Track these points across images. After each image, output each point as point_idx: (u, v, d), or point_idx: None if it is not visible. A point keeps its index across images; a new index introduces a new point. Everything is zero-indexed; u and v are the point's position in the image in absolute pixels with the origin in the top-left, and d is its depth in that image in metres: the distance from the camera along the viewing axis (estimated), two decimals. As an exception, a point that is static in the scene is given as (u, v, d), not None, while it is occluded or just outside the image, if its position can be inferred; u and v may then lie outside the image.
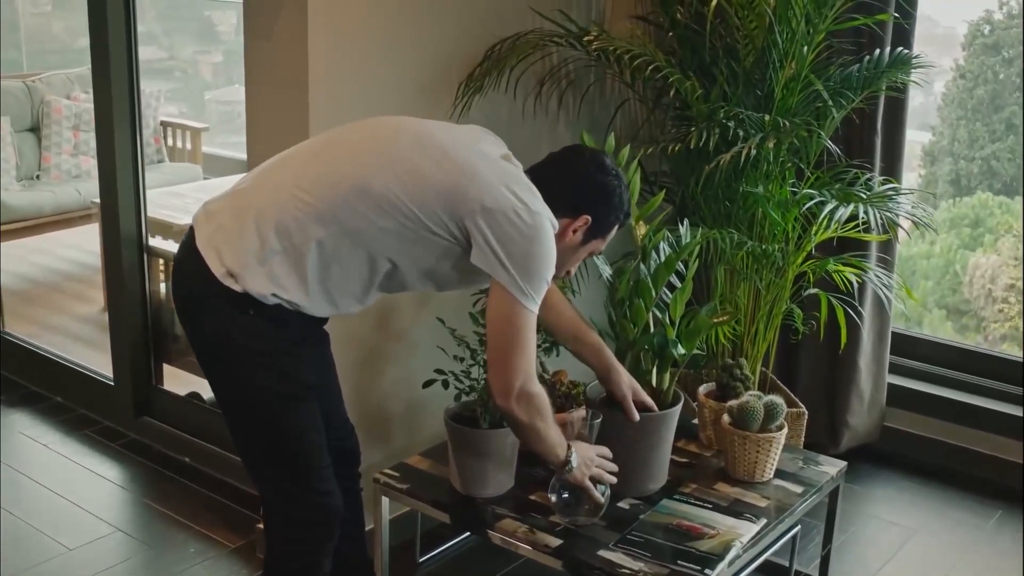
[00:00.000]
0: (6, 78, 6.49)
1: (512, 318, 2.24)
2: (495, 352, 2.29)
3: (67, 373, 4.22)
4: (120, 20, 3.58)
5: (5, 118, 6.07)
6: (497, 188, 2.22)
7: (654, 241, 2.83)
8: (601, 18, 3.60)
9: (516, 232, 2.20)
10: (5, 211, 5.56)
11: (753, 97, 3.33)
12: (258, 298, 2.23)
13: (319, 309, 2.31)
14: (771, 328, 3.44)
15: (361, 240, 2.23)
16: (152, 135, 6.57)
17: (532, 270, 2.22)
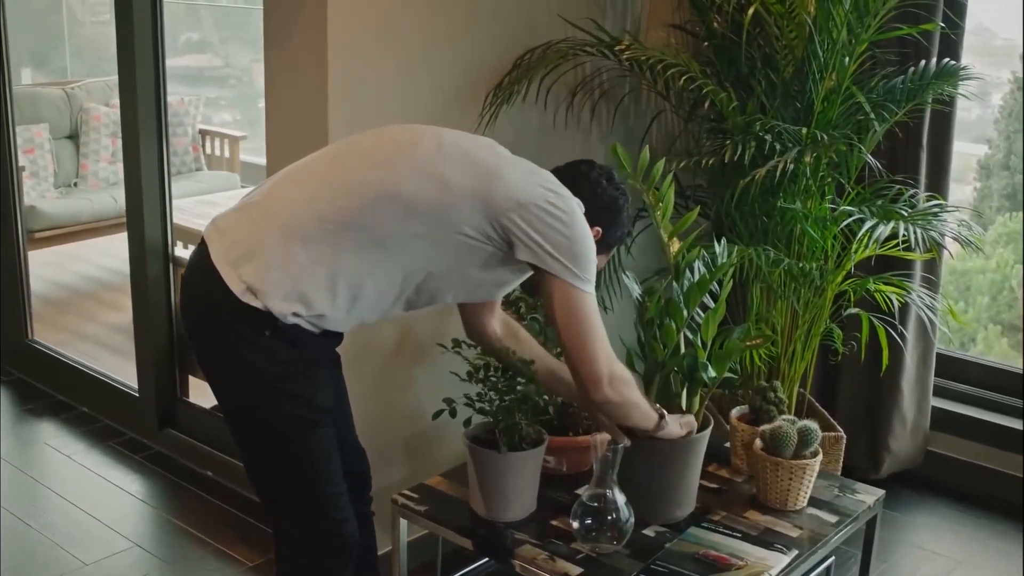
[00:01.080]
0: (45, 85, 6.50)
1: (576, 307, 2.22)
2: (573, 347, 2.26)
3: (93, 383, 4.18)
4: (147, 28, 3.54)
5: (44, 125, 6.07)
6: (526, 183, 2.21)
7: (688, 259, 2.72)
8: (636, 27, 3.50)
9: (555, 220, 2.19)
10: (41, 219, 5.55)
11: (792, 109, 3.22)
12: (277, 316, 2.14)
13: (341, 324, 2.23)
14: (809, 349, 3.32)
15: (393, 248, 2.16)
16: (191, 143, 6.56)
17: (579, 253, 2.21)
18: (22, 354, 4.48)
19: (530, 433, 2.65)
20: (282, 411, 2.22)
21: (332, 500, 2.31)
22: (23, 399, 4.34)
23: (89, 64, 7.43)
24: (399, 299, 2.25)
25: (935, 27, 3.24)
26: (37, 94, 6.25)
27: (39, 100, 6.20)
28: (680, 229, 2.76)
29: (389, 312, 2.29)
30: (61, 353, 4.37)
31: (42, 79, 7.11)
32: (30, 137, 5.95)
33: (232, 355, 2.19)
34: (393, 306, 2.27)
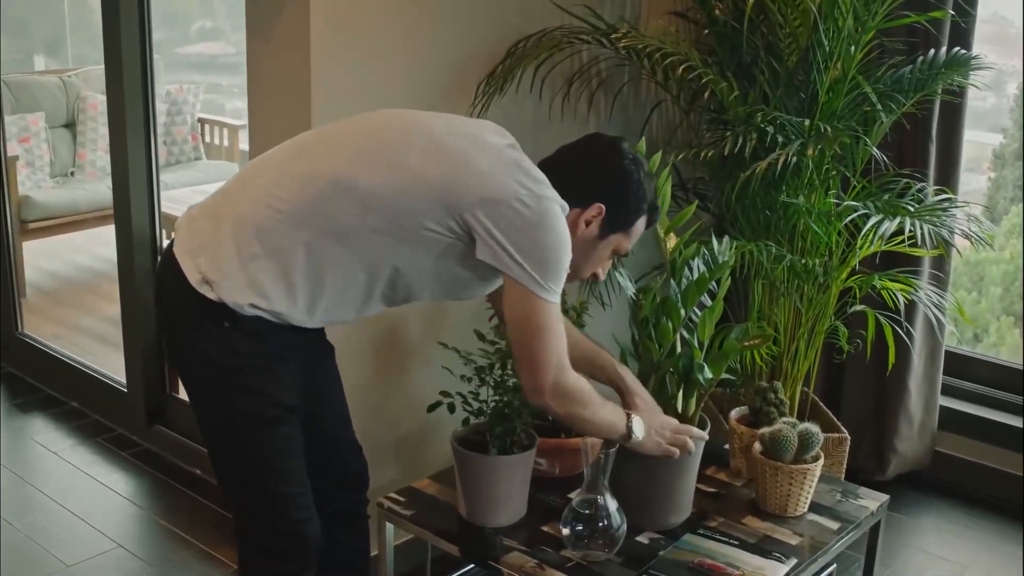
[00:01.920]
0: (43, 73, 6.41)
1: (531, 314, 2.07)
2: (519, 351, 2.13)
3: (82, 378, 4.10)
4: (133, 16, 3.44)
5: (40, 114, 5.99)
6: (498, 177, 2.04)
7: (685, 256, 2.61)
8: (636, 14, 3.40)
9: (521, 220, 2.02)
10: (37, 209, 5.47)
11: (796, 100, 3.12)
12: (234, 308, 2.05)
13: (307, 319, 2.12)
14: (813, 347, 3.22)
15: (351, 242, 2.04)
16: (190, 132, 6.47)
17: (545, 259, 2.04)
18: (13, 347, 4.40)
19: (520, 436, 2.56)
20: (239, 406, 2.13)
21: (292, 500, 2.23)
22: (13, 393, 4.26)
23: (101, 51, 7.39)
24: (371, 296, 2.14)
25: (945, 15, 3.13)
26: (33, 82, 6.16)
27: (35, 88, 6.12)
28: (677, 224, 2.66)
29: (366, 310, 2.18)
30: (51, 347, 4.29)
31: (55, 66, 7.03)
32: (25, 126, 5.87)
33: (191, 347, 2.13)
34: (366, 303, 2.15)
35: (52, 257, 5.91)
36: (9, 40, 7.47)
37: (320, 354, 2.38)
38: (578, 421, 2.24)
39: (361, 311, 2.18)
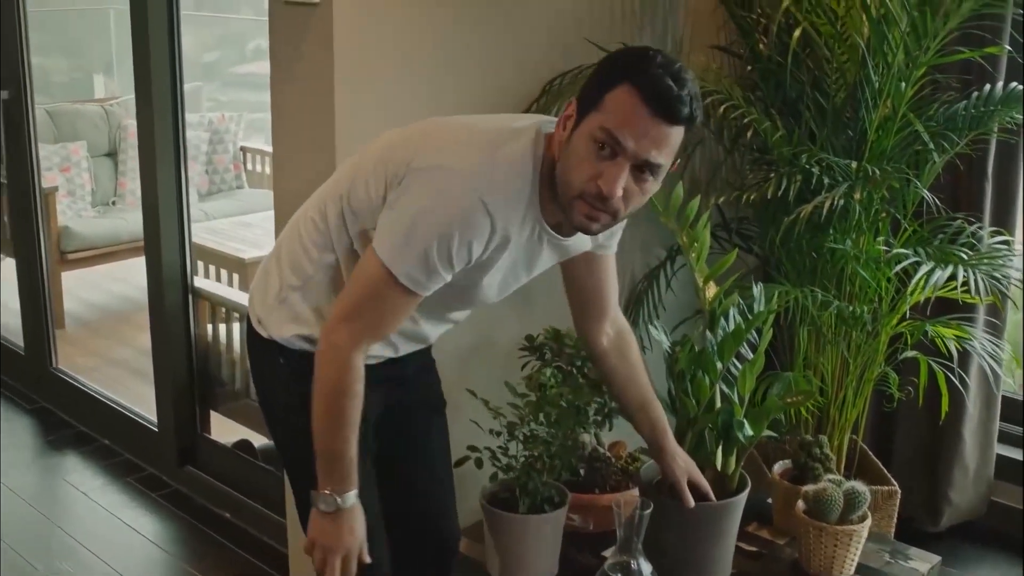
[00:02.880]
0: (84, 102, 6.41)
1: (373, 278, 1.86)
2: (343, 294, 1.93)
3: (114, 415, 4.05)
4: (163, 45, 3.39)
5: (81, 143, 5.98)
6: (441, 147, 1.87)
7: (724, 306, 2.50)
8: (677, 49, 3.29)
9: (420, 184, 1.83)
10: (76, 239, 5.45)
11: (844, 138, 2.99)
12: (283, 344, 2.04)
13: None
14: (861, 395, 3.09)
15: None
16: (232, 161, 6.44)
17: (413, 233, 1.82)
18: (47, 382, 4.36)
19: (552, 493, 2.46)
20: (298, 443, 2.03)
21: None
22: (46, 429, 4.22)
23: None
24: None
25: (1001, 50, 2.99)
26: (75, 111, 6.16)
27: (77, 117, 6.12)
28: (717, 273, 2.54)
29: (391, 338, 2.07)
30: (84, 383, 4.25)
31: (115, 89, 7.05)
32: (67, 155, 5.86)
33: (259, 386, 2.20)
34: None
35: (93, 287, 5.89)
36: (68, 60, 7.56)
37: (404, 399, 2.26)
38: (318, 395, 1.91)
39: (386, 339, 2.06)
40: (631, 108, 1.74)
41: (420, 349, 2.22)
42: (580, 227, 1.86)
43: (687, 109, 1.75)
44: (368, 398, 2.07)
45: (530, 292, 3.04)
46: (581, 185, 1.78)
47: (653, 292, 3.31)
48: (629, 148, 1.74)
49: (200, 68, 7.59)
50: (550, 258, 2.04)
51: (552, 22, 2.96)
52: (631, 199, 1.80)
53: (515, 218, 1.86)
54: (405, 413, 2.27)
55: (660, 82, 1.73)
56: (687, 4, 3.29)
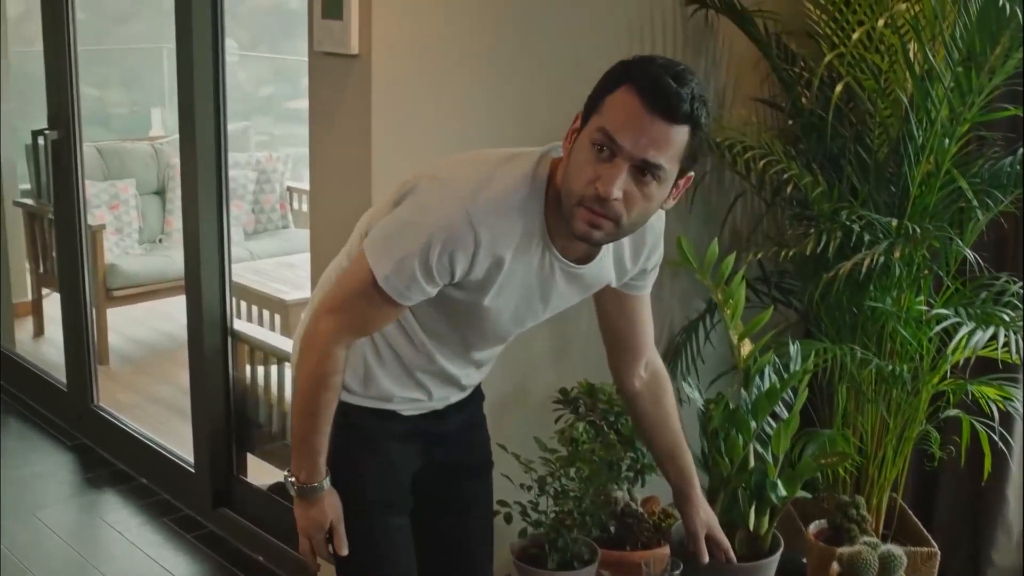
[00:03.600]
0: (133, 140, 6.49)
1: (358, 269, 1.86)
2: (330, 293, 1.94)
3: (152, 454, 4.06)
4: (208, 85, 3.42)
5: (130, 181, 6.05)
6: (447, 165, 1.89)
7: (759, 364, 2.47)
8: (720, 101, 3.27)
9: (416, 195, 1.84)
10: (123, 276, 5.49)
11: (887, 193, 2.95)
12: None
13: (362, 389, 2.03)
14: (902, 454, 3.03)
15: None
16: (279, 200, 6.48)
17: (396, 236, 1.82)
18: (87, 419, 4.39)
19: (582, 550, 2.43)
20: (342, 497, 2.02)
21: None
22: (85, 466, 4.24)
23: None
24: (404, 358, 2.02)
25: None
26: (124, 149, 6.23)
27: (126, 155, 6.19)
28: (752, 330, 2.52)
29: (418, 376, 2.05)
30: (123, 421, 4.27)
31: (172, 125, 7.14)
32: (116, 193, 5.93)
33: None
34: (409, 371, 2.03)
35: (138, 324, 5.93)
36: (127, 94, 7.69)
37: (445, 458, 2.18)
38: (298, 383, 1.97)
39: (402, 372, 2.03)
40: (629, 107, 1.69)
41: (460, 401, 2.15)
42: (582, 236, 1.77)
43: (686, 106, 1.69)
44: (402, 452, 2.10)
45: (567, 342, 3.04)
46: (580, 190, 1.73)
47: (691, 345, 3.28)
48: (626, 147, 1.69)
49: (256, 102, 7.68)
50: (569, 291, 1.97)
51: (589, 68, 2.94)
52: (633, 203, 1.73)
53: (507, 236, 1.81)
54: (446, 474, 2.19)
55: (659, 80, 1.69)
56: (730, 56, 3.27)
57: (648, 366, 2.23)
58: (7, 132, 5.28)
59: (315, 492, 1.98)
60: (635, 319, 2.17)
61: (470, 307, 1.90)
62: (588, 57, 2.93)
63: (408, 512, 2.12)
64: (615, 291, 2.08)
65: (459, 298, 1.88)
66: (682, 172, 1.77)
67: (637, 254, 2.01)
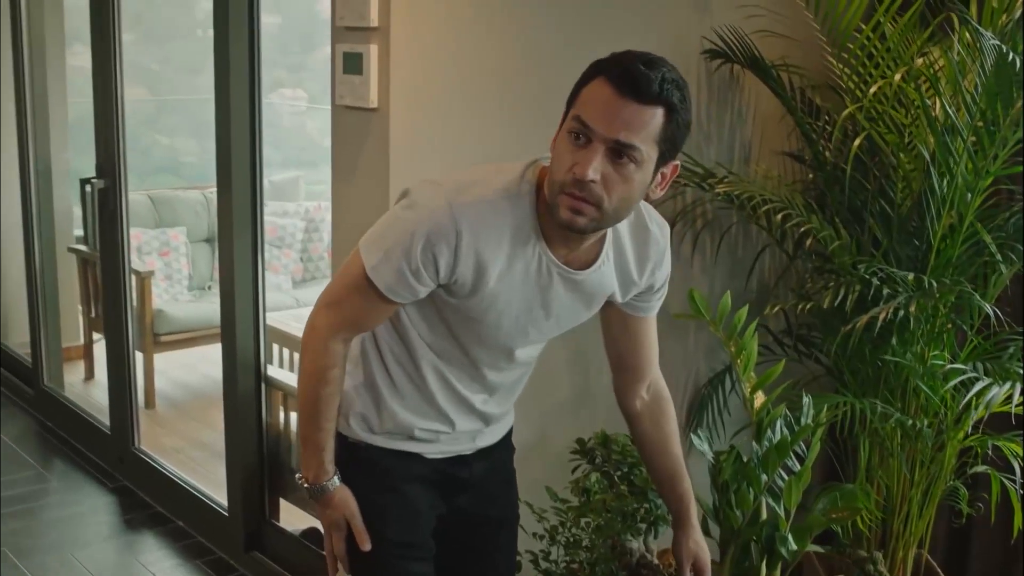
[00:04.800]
0: (185, 189, 6.63)
1: (350, 263, 1.91)
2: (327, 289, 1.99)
3: (187, 497, 4.12)
4: (244, 135, 3.49)
5: (181, 229, 6.18)
6: (446, 174, 1.93)
7: (771, 416, 2.47)
8: (746, 154, 3.29)
9: (410, 195, 1.88)
10: (170, 322, 5.60)
11: (910, 246, 2.95)
12: (343, 435, 2.05)
13: (377, 421, 2.04)
14: (928, 509, 3.00)
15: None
16: (326, 249, 6.58)
17: (384, 231, 1.87)
18: (128, 462, 4.47)
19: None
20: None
21: None
22: (125, 508, 4.31)
23: (285, 154, 7.75)
24: (414, 380, 2.02)
25: (1073, 161, 2.93)
26: (176, 197, 6.37)
27: (177, 203, 6.32)
28: (765, 382, 2.52)
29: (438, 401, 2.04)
30: (162, 464, 4.34)
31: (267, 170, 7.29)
32: (167, 240, 6.06)
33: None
34: (422, 393, 2.02)
35: (186, 369, 6.03)
36: (197, 143, 7.88)
37: (468, 507, 2.17)
38: (299, 380, 1.99)
39: (417, 395, 2.03)
40: (602, 94, 1.73)
41: (486, 448, 2.14)
42: (567, 223, 1.77)
43: (655, 87, 1.70)
44: (424, 496, 2.09)
45: (588, 392, 3.05)
46: (561, 178, 1.76)
47: (717, 397, 3.29)
48: (599, 130, 1.71)
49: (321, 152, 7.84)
50: (571, 300, 1.96)
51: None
52: (612, 186, 1.73)
53: (492, 234, 1.83)
54: (470, 523, 2.18)
55: (629, 65, 1.72)
56: (756, 109, 3.29)
57: (651, 388, 2.21)
58: (63, 180, 5.41)
59: (325, 491, 2.02)
60: (640, 340, 2.16)
61: (468, 312, 1.91)
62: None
63: (431, 558, 2.12)
64: (620, 311, 2.08)
65: (455, 304, 1.90)
66: (663, 158, 1.77)
67: (642, 265, 2.00)
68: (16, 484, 4.39)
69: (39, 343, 5.12)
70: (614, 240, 1.94)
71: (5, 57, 5.10)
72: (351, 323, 1.94)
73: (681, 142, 1.79)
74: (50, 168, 5.14)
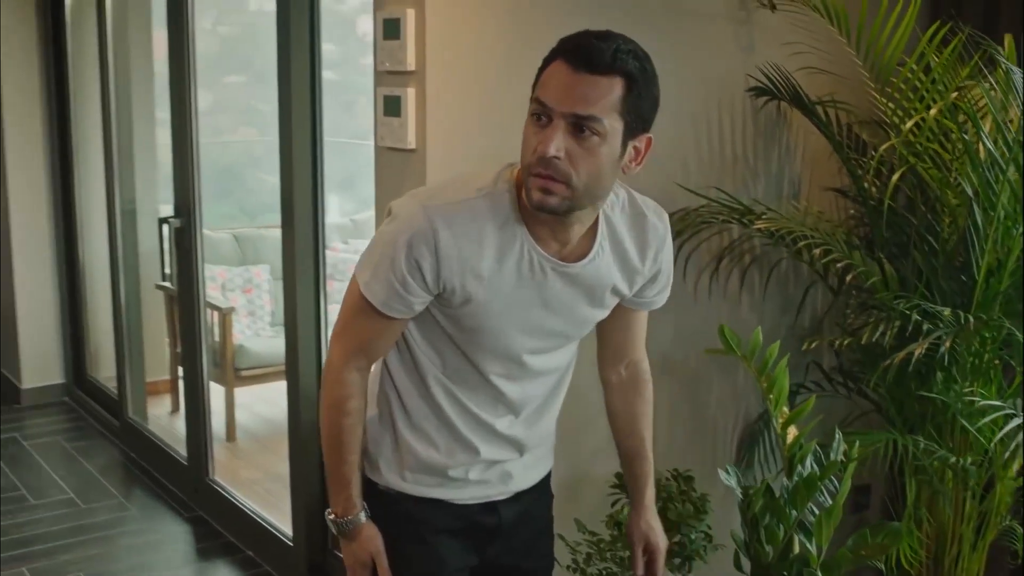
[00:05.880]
0: (269, 227, 6.81)
1: (349, 291, 1.92)
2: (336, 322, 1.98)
3: (256, 527, 4.22)
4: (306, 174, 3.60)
5: (264, 266, 6.34)
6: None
7: (803, 452, 2.47)
8: (795, 190, 3.30)
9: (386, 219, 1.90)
10: (250, 357, 5.74)
11: (957, 281, 2.92)
12: (372, 478, 2.04)
13: (396, 462, 2.01)
14: (980, 548, 2.95)
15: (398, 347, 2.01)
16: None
17: (371, 249, 1.88)
18: (203, 492, 4.60)
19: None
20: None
21: None
22: (198, 537, 4.43)
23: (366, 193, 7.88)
24: (428, 405, 2.00)
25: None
26: (259, 236, 6.54)
27: (260, 242, 6.49)
28: (797, 418, 2.52)
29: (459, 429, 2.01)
30: (233, 495, 4.46)
31: (350, 207, 7.44)
32: (250, 277, 6.22)
33: None
34: (440, 418, 2.00)
35: (268, 403, 6.16)
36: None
37: (499, 557, 2.14)
38: (325, 417, 1.98)
39: (435, 421, 2.00)
40: (558, 72, 1.73)
41: (518, 493, 2.11)
42: (539, 205, 1.76)
43: (608, 56, 1.70)
44: (453, 547, 2.06)
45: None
46: (528, 160, 1.76)
47: (769, 433, 3.28)
48: (556, 107, 1.71)
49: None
50: (571, 295, 1.93)
51: (654, 165, 2.99)
52: (577, 161, 1.73)
53: (469, 230, 1.82)
54: (500, 574, 2.15)
55: (582, 41, 1.73)
56: (804, 146, 3.30)
57: (629, 367, 2.20)
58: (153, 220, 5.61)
59: (352, 525, 2.00)
60: (628, 326, 2.14)
61: (469, 322, 1.90)
62: (653, 155, 3.01)
63: None
64: (620, 306, 2.04)
65: (454, 315, 1.89)
66: (631, 130, 1.76)
67: (643, 251, 1.96)
68: (98, 512, 4.55)
69: (124, 377, 5.31)
70: (609, 232, 1.91)
71: (94, 102, 5.33)
72: (360, 349, 1.94)
73: (648, 113, 1.78)
74: (135, 209, 5.34)
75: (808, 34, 3.06)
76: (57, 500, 4.66)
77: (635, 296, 2.02)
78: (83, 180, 5.72)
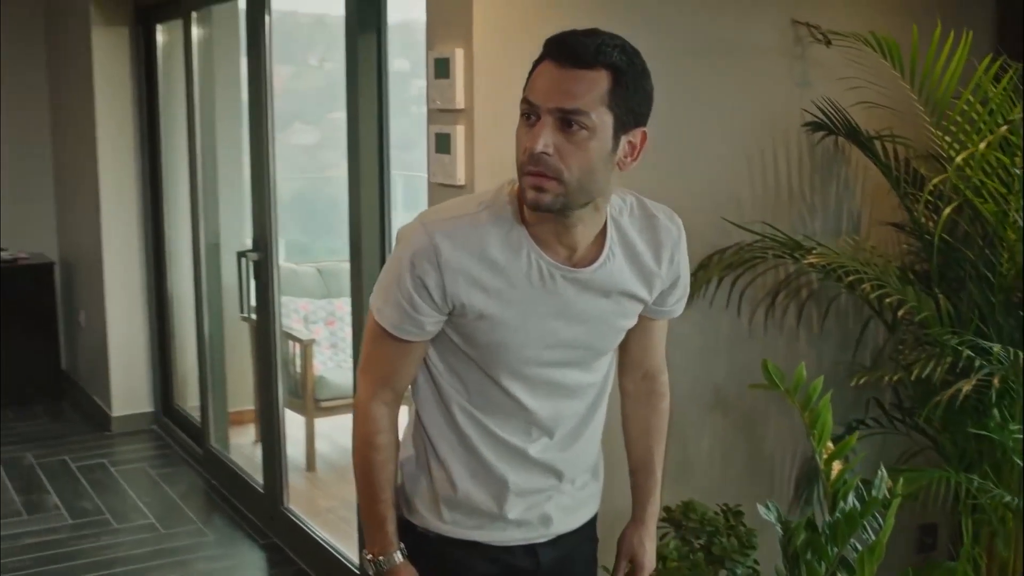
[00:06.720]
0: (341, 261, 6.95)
1: (368, 323, 1.93)
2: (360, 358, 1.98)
3: (326, 555, 4.30)
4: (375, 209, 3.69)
5: (346, 299, 6.45)
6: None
7: (846, 488, 2.46)
8: (856, 225, 3.29)
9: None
10: (330, 388, 5.84)
11: (1016, 318, 2.88)
12: (410, 519, 2.03)
13: (430, 497, 1.99)
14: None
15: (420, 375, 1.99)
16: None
17: (381, 278, 1.90)
18: (278, 520, 4.70)
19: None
20: None
21: None
22: (272, 564, 4.53)
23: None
24: (453, 430, 1.96)
25: None
26: (342, 269, 6.66)
27: (343, 275, 6.61)
28: (839, 455, 2.51)
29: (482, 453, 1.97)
30: (306, 522, 4.55)
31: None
32: (332, 310, 6.35)
33: None
34: (465, 445, 1.96)
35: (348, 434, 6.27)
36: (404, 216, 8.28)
37: None
38: (356, 454, 1.99)
39: (459, 449, 1.96)
40: (544, 71, 1.74)
41: (556, 537, 2.06)
42: (533, 203, 1.75)
43: (591, 50, 1.70)
44: None
45: (689, 461, 3.08)
46: (520, 160, 1.77)
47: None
48: (542, 103, 1.71)
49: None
50: (587, 301, 1.89)
51: (701, 198, 3.02)
52: (567, 156, 1.72)
53: (471, 243, 1.82)
54: None
55: (567, 37, 1.73)
56: (864, 183, 3.29)
57: (646, 378, 2.17)
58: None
59: (391, 563, 1.96)
60: (646, 335, 2.10)
61: (487, 338, 1.87)
62: (700, 188, 3.03)
63: None
64: (641, 317, 2.01)
65: (470, 333, 1.88)
66: (622, 124, 1.75)
67: (658, 253, 1.94)
68: (177, 537, 4.68)
69: (207, 407, 5.46)
70: (619, 237, 1.89)
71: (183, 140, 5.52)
72: (384, 380, 1.93)
73: (640, 107, 1.77)
74: (219, 243, 5.50)
75: (863, 68, 3.05)
76: (139, 525, 4.81)
77: (655, 304, 1.99)
78: (171, 216, 5.92)
